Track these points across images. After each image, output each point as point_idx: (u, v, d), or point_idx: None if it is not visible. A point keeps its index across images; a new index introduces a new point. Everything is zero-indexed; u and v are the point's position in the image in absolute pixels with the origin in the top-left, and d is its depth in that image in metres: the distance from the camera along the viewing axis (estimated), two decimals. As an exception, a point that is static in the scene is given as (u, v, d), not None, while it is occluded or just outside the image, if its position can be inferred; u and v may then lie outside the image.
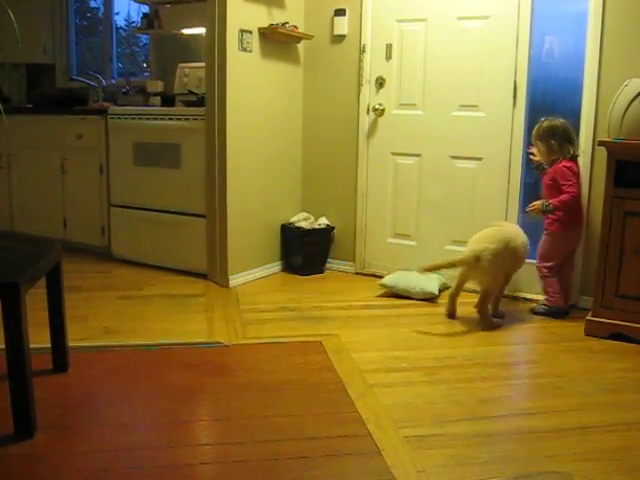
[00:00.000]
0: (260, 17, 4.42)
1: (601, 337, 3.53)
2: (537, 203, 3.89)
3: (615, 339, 3.50)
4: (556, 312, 3.93)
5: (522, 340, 3.65)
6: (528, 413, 2.67)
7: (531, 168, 4.16)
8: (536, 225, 4.03)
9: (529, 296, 4.24)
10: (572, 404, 2.76)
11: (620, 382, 3.00)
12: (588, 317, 3.62)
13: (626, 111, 3.42)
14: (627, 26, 3.77)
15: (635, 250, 3.43)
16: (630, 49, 3.77)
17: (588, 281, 3.94)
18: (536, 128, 3.96)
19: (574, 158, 3.90)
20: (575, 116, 4.02)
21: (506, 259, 3.72)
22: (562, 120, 3.91)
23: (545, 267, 3.95)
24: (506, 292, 4.06)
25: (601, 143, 3.55)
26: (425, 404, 2.72)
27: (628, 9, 3.76)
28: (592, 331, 3.58)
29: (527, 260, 3.93)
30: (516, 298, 4.26)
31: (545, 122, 3.92)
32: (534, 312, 4.00)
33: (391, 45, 4.57)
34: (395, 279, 4.33)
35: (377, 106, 4.64)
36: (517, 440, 2.45)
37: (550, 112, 4.15)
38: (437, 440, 2.41)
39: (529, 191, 4.30)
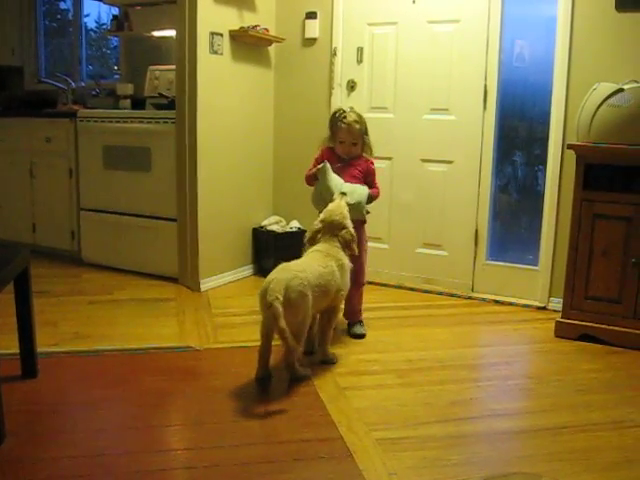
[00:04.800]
0: (231, 20, 4.40)
1: (571, 338, 3.57)
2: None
3: (585, 340, 3.54)
4: None
5: (493, 342, 3.67)
6: (499, 414, 2.69)
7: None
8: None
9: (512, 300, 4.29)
10: (542, 405, 2.79)
11: (590, 383, 3.03)
12: (558, 319, 3.65)
13: (594, 115, 3.46)
14: (596, 30, 3.82)
15: (604, 252, 3.47)
16: (598, 53, 3.82)
17: (558, 283, 3.97)
18: (357, 121, 3.44)
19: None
20: (545, 119, 4.06)
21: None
22: None
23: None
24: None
25: (570, 146, 3.58)
26: (397, 407, 2.72)
27: (596, 13, 3.81)
28: (562, 332, 3.61)
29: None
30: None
31: (353, 115, 3.46)
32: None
33: (362, 48, 4.59)
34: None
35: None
36: (488, 441, 2.47)
37: (520, 115, 4.20)
38: (409, 442, 2.41)
39: (499, 194, 4.34)
